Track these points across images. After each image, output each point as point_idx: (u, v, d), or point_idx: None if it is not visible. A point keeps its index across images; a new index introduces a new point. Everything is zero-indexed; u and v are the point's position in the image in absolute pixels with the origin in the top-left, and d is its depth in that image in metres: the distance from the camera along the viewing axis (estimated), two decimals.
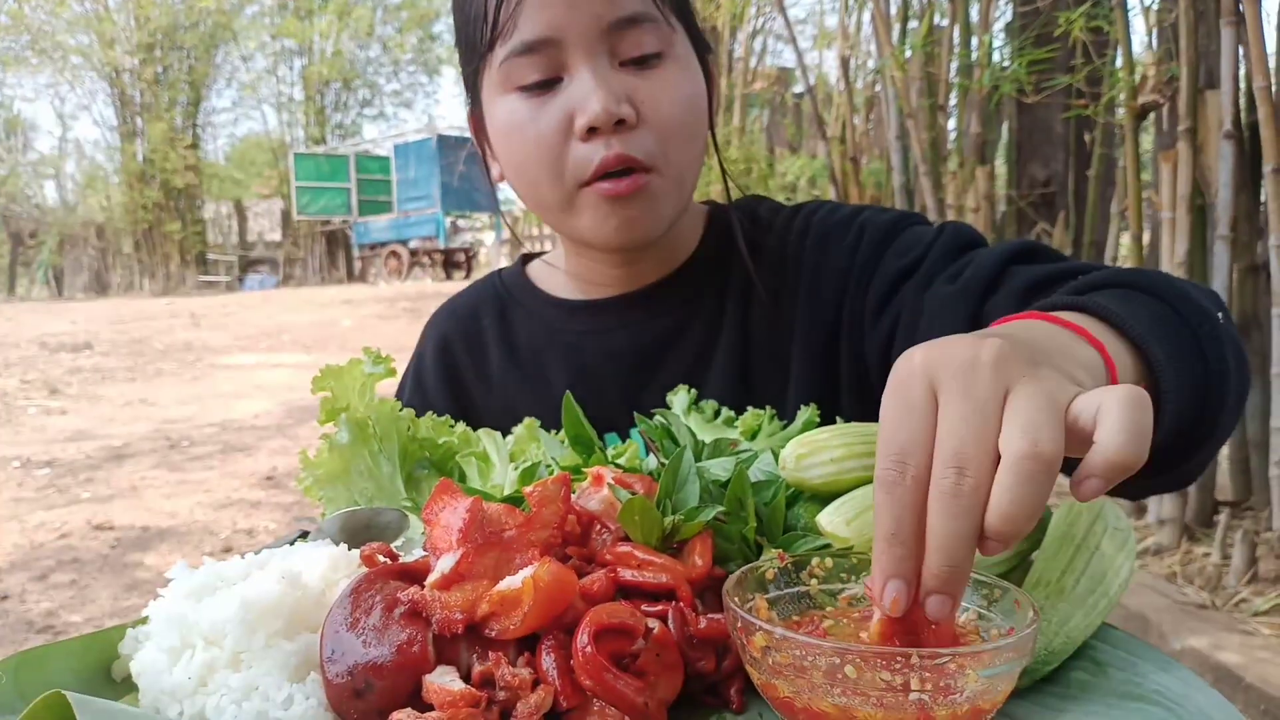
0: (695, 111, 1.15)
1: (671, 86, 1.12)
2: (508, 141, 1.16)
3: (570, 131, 1.09)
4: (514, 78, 1.11)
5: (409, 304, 16.88)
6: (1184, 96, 3.57)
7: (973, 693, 0.57)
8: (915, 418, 0.58)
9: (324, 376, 1.01)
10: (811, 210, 1.30)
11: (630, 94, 1.09)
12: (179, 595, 0.73)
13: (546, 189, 1.14)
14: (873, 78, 6.57)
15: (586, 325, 1.31)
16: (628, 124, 1.08)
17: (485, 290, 1.43)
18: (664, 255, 1.29)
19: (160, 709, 0.66)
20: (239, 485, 6.04)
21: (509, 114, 1.13)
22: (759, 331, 1.26)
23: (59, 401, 9.17)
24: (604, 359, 1.29)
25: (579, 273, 1.32)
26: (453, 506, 0.72)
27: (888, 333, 1.13)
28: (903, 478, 0.57)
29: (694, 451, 0.86)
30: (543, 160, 1.11)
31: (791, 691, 0.59)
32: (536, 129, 1.10)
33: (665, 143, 1.11)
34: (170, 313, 16.64)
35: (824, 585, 0.71)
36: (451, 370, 1.37)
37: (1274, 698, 2.65)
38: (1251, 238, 3.66)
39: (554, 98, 1.09)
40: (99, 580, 4.42)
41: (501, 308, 1.39)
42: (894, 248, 1.17)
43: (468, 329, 1.39)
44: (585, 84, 1.07)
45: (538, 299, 1.37)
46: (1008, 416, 0.56)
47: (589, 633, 0.63)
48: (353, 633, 0.65)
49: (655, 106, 1.10)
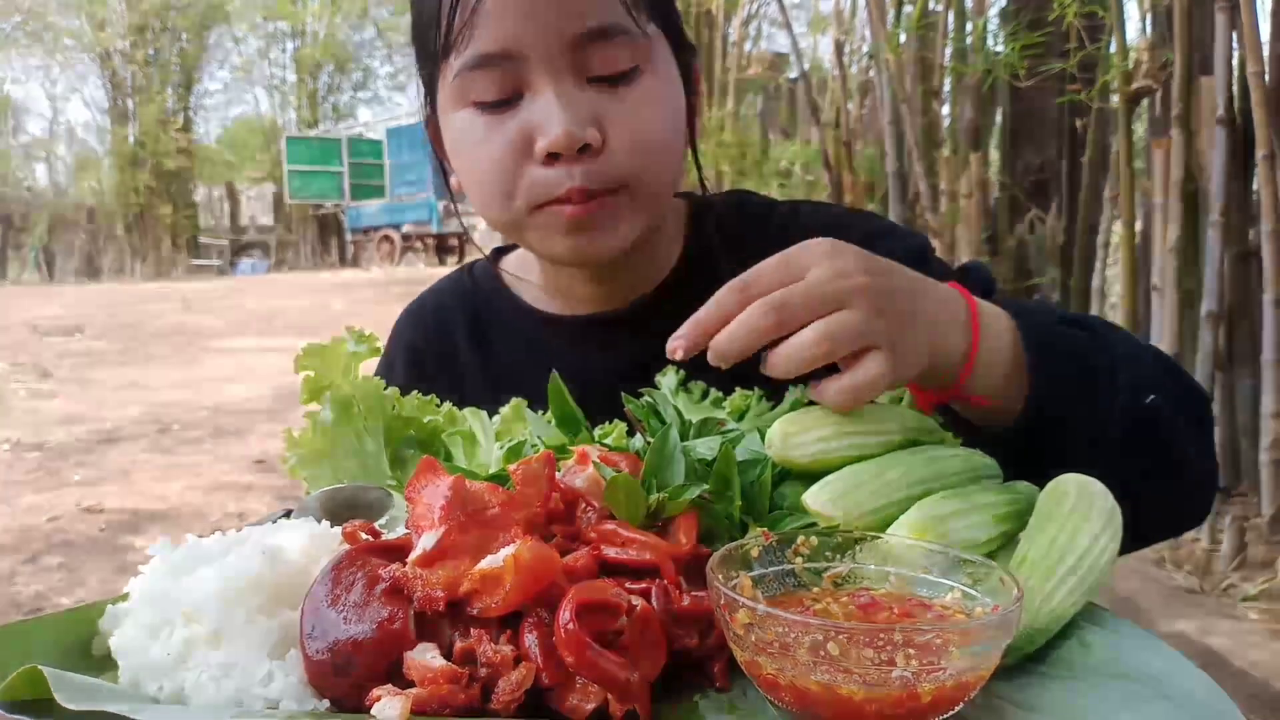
0: (672, 128, 1.06)
1: (645, 105, 1.02)
2: (460, 159, 1.08)
3: (529, 154, 0.99)
4: (469, 92, 1.01)
5: (402, 288, 16.85)
6: (1177, 82, 3.57)
7: (957, 669, 0.57)
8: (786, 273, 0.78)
9: (307, 355, 1.00)
10: (812, 212, 1.24)
11: (598, 115, 0.99)
12: (159, 572, 0.72)
13: (498, 211, 1.05)
14: (867, 63, 6.56)
15: (565, 345, 1.21)
16: (593, 149, 0.98)
17: (454, 291, 1.33)
18: (643, 270, 1.19)
19: (139, 685, 0.66)
20: (230, 469, 6.03)
21: (462, 130, 1.05)
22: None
23: (49, 385, 9.14)
24: (583, 384, 1.11)
25: (554, 286, 1.23)
26: (435, 484, 0.72)
27: None
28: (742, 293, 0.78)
29: (680, 430, 0.85)
30: (496, 182, 1.02)
31: (775, 669, 0.59)
32: (489, 150, 1.01)
33: (636, 165, 1.02)
34: (162, 296, 16.60)
35: (809, 563, 0.71)
36: (422, 378, 1.23)
37: (1261, 681, 2.67)
38: (1243, 224, 3.67)
39: (512, 116, 1.00)
40: (89, 563, 4.41)
41: (474, 312, 1.29)
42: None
43: (439, 340, 1.30)
44: (547, 104, 0.97)
45: (513, 307, 1.26)
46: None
47: (571, 609, 0.62)
48: (333, 609, 0.64)
49: (625, 129, 1.00)
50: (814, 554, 0.71)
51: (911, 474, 0.77)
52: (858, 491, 0.75)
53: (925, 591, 0.68)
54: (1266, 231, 3.31)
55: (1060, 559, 0.69)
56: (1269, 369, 3.39)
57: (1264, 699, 2.64)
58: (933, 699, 0.57)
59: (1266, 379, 3.40)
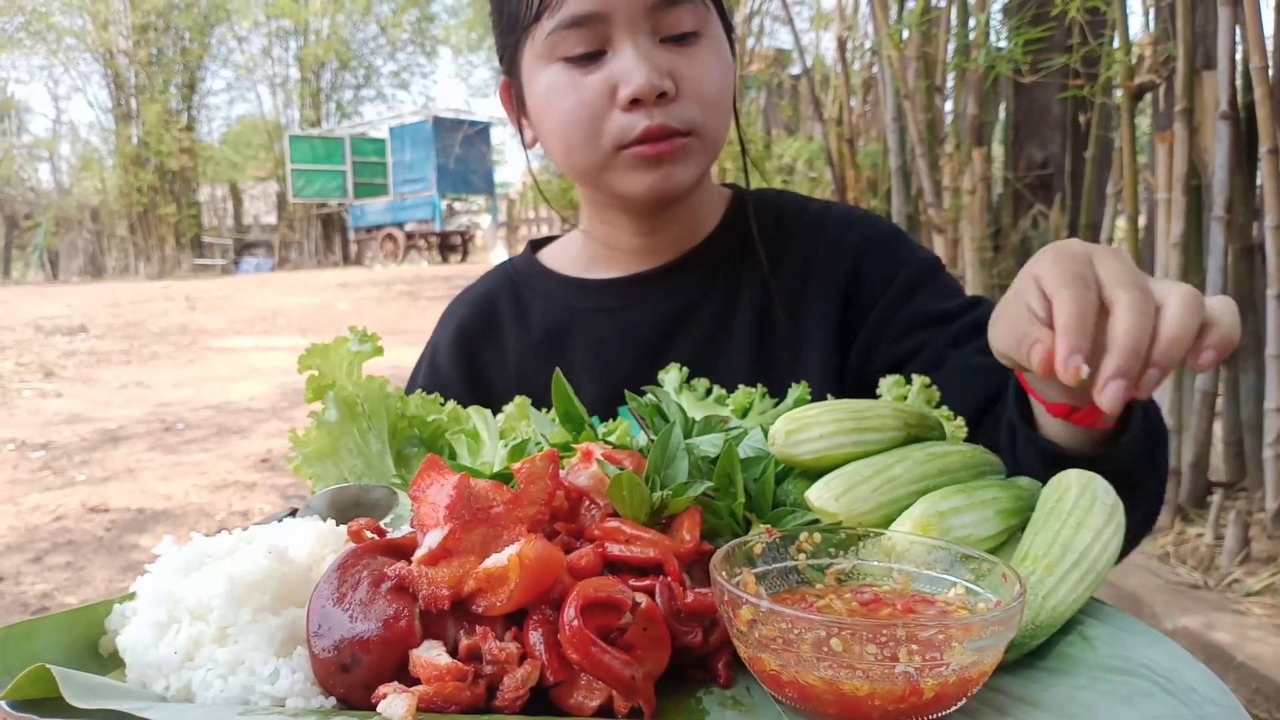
0: (727, 87, 1.22)
1: (708, 64, 1.17)
2: (548, 107, 1.20)
3: (612, 101, 1.14)
4: (559, 49, 1.16)
5: (405, 287, 16.87)
6: (1181, 77, 3.56)
7: (959, 665, 0.57)
8: (1083, 266, 0.73)
9: (310, 355, 1.01)
10: (846, 213, 1.37)
11: (671, 69, 1.14)
12: (166, 571, 0.72)
13: (583, 152, 1.19)
14: (870, 59, 6.55)
15: (602, 302, 1.35)
16: (668, 97, 1.14)
17: (499, 277, 1.46)
18: (684, 230, 1.33)
19: (146, 684, 0.66)
20: (234, 467, 6.04)
21: (550, 84, 1.18)
22: (778, 315, 1.29)
23: (54, 384, 9.15)
24: (620, 335, 1.32)
25: (602, 239, 1.36)
26: (440, 483, 0.72)
27: (899, 358, 1.21)
28: (1088, 284, 0.71)
29: (684, 428, 0.86)
30: (583, 125, 1.16)
31: (778, 665, 0.59)
32: (579, 96, 1.15)
33: (702, 113, 1.17)
34: (165, 296, 16.62)
35: (812, 560, 0.71)
36: (468, 356, 1.39)
37: (1265, 677, 2.67)
38: (1247, 219, 3.66)
39: (597, 69, 1.15)
40: (94, 562, 4.42)
41: (516, 291, 1.42)
42: (930, 289, 1.26)
43: (484, 313, 1.42)
44: (629, 58, 1.13)
45: (552, 280, 1.40)
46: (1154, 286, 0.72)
47: (576, 607, 0.63)
48: (339, 607, 0.64)
49: (694, 81, 1.16)
50: (817, 550, 0.71)
51: (914, 470, 0.78)
52: (861, 488, 0.76)
53: (928, 587, 0.68)
54: (1270, 226, 3.30)
55: (1063, 555, 0.70)
56: (1273, 364, 3.38)
57: (1268, 693, 2.64)
58: (936, 694, 0.57)
59: (1270, 374, 3.40)
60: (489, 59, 29.37)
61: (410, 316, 13.21)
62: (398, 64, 33.61)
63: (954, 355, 1.15)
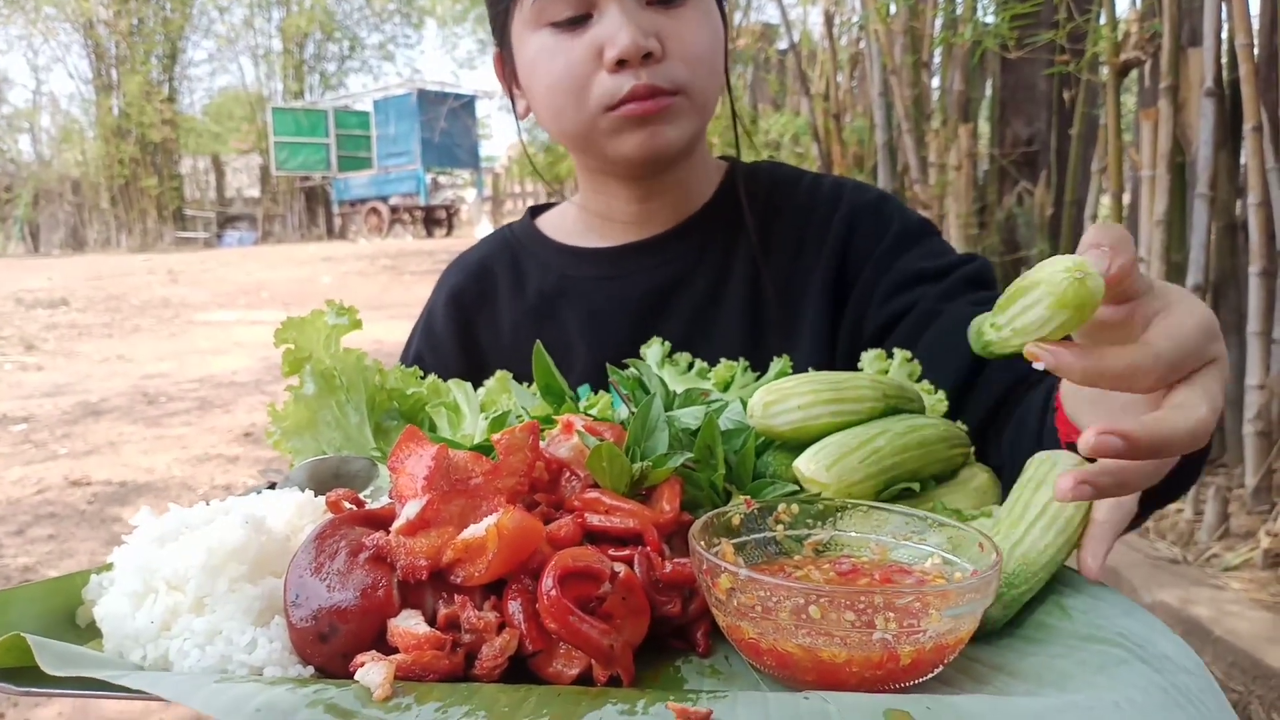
0: (715, 47, 1.22)
1: (695, 25, 1.18)
2: (536, 72, 1.21)
3: (599, 63, 1.15)
4: (546, 14, 1.17)
5: (389, 261, 16.79)
6: (1166, 54, 3.55)
7: (936, 632, 0.57)
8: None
9: (286, 328, 1.00)
10: (838, 183, 1.37)
11: (657, 30, 1.15)
12: (143, 541, 0.72)
13: (572, 115, 1.19)
14: (857, 35, 6.52)
15: (596, 271, 1.35)
16: (654, 57, 1.14)
17: (496, 243, 1.47)
18: (677, 199, 1.33)
19: (123, 654, 0.66)
20: (217, 441, 6.02)
21: (539, 49, 1.19)
22: (772, 285, 1.29)
23: (35, 358, 9.09)
24: (614, 303, 1.32)
25: (596, 210, 1.36)
26: (418, 454, 0.72)
27: (892, 316, 1.20)
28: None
29: (665, 401, 0.86)
30: (571, 88, 1.17)
31: (757, 633, 0.59)
32: (566, 59, 1.16)
33: (689, 75, 1.17)
34: (148, 269, 16.50)
35: (790, 531, 0.71)
36: (462, 321, 1.39)
37: (1242, 651, 2.70)
38: (1231, 196, 3.67)
39: (583, 33, 1.15)
40: (77, 535, 4.41)
41: (513, 256, 1.42)
42: (919, 249, 1.25)
43: (480, 279, 1.42)
44: (614, 19, 1.13)
45: (549, 247, 1.40)
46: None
47: (554, 576, 0.63)
48: (317, 577, 0.64)
49: (680, 42, 1.16)
50: (795, 521, 0.71)
51: (897, 440, 0.78)
52: (850, 458, 0.76)
53: (905, 558, 0.69)
54: (1253, 204, 3.32)
55: (1024, 511, 0.71)
56: (1254, 341, 3.41)
57: (1244, 667, 2.67)
58: (912, 661, 0.57)
59: (1251, 351, 3.42)
60: (474, 30, 29.11)
61: (394, 291, 13.16)
62: (383, 35, 33.32)
63: (949, 308, 1.14)
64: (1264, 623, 2.84)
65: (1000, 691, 0.61)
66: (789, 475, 0.79)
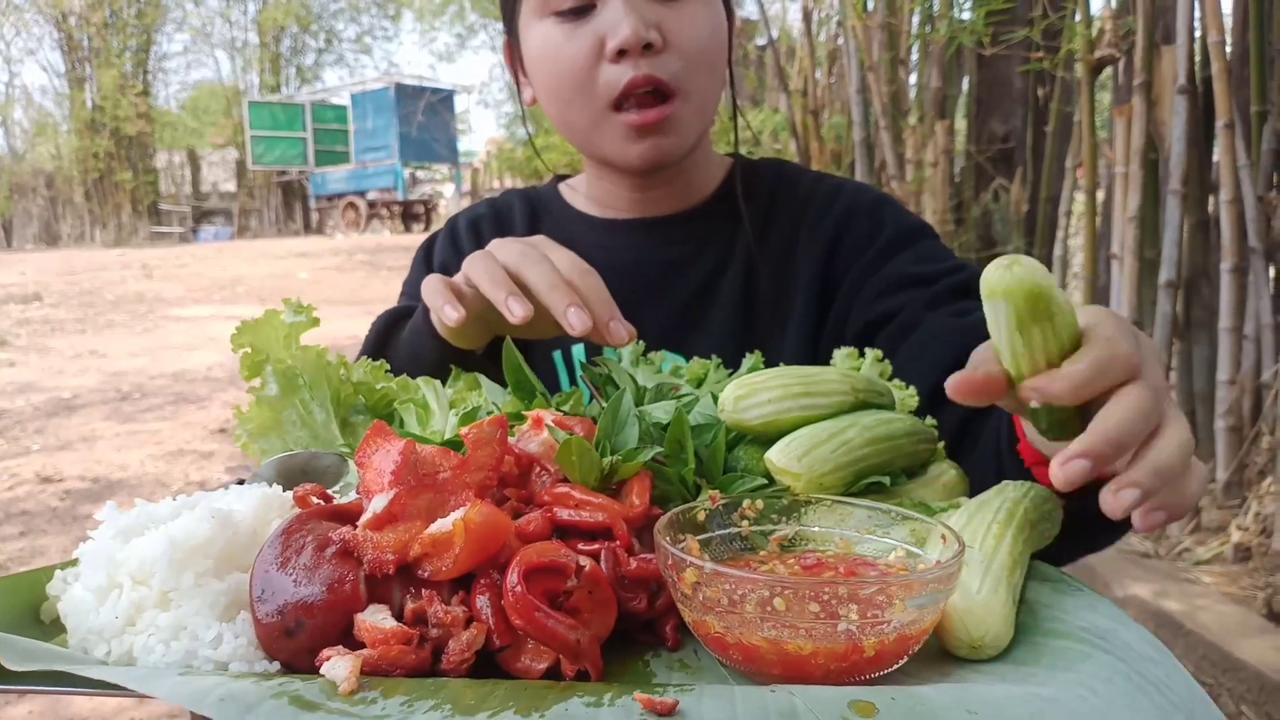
0: (716, 43, 1.23)
1: (696, 18, 1.19)
2: (542, 64, 1.23)
3: (601, 55, 1.16)
4: (551, 3, 1.19)
5: (366, 256, 16.71)
6: (1140, 51, 3.58)
7: (900, 623, 0.58)
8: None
9: (242, 332, 1.00)
10: (838, 183, 1.39)
11: (659, 22, 1.16)
12: (107, 535, 0.71)
13: (577, 109, 1.21)
14: (835, 31, 6.53)
15: (601, 240, 1.37)
16: (655, 48, 1.16)
17: (516, 194, 1.50)
18: (680, 190, 1.35)
19: (88, 649, 0.65)
20: (191, 437, 5.98)
21: (544, 39, 1.21)
22: (766, 278, 1.31)
23: (7, 353, 9.00)
24: (611, 274, 1.31)
25: (598, 196, 1.40)
26: (385, 449, 0.71)
27: (876, 318, 1.21)
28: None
29: (635, 396, 0.86)
30: (575, 81, 1.19)
31: (723, 627, 0.60)
32: (570, 52, 1.18)
33: (689, 68, 1.19)
34: (122, 264, 16.34)
35: (755, 526, 0.71)
36: (475, 242, 1.41)
37: (1212, 644, 2.73)
38: (1203, 193, 3.70)
39: (586, 23, 1.17)
40: (49, 532, 4.37)
41: (532, 208, 1.46)
42: (911, 252, 1.26)
43: (499, 213, 1.46)
44: (616, 10, 1.14)
45: (565, 211, 1.44)
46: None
47: (519, 572, 0.63)
48: (283, 572, 0.64)
49: (681, 34, 1.17)
50: (760, 517, 0.72)
51: (865, 434, 0.79)
52: (820, 449, 0.76)
53: (870, 551, 0.69)
54: (1225, 200, 3.35)
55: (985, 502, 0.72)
56: (1225, 336, 3.44)
57: (1214, 659, 2.70)
58: (877, 652, 0.58)
59: (1223, 346, 3.46)
60: (452, 24, 29.00)
61: (372, 286, 13.10)
62: (360, 28, 33.13)
63: (930, 317, 1.14)
64: (1234, 616, 2.88)
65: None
66: (760, 469, 0.80)
